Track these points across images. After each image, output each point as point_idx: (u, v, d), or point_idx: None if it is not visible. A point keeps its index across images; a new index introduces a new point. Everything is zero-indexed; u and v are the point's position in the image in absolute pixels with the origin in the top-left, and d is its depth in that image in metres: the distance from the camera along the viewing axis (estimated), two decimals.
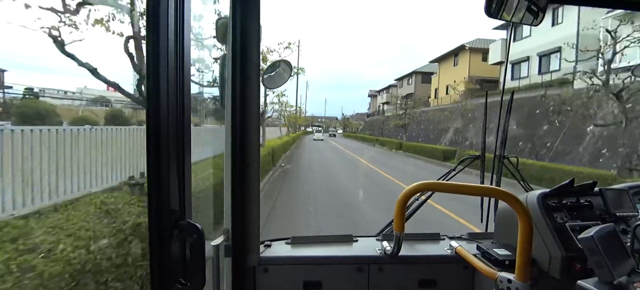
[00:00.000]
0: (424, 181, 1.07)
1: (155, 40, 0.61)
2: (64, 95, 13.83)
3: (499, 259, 1.14)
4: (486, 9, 1.04)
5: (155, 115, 0.62)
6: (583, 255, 0.92)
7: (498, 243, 1.30)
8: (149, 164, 0.63)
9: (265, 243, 1.36)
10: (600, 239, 0.85)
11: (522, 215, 0.90)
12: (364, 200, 7.82)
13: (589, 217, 1.18)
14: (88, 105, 12.48)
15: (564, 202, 1.20)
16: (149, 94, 0.62)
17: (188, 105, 0.67)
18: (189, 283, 0.68)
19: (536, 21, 1.08)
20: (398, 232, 1.14)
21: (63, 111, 8.71)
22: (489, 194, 1.39)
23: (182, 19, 0.64)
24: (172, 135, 0.64)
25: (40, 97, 7.79)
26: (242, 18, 1.07)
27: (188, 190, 0.68)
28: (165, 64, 0.62)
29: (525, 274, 0.90)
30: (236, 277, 1.16)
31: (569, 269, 1.04)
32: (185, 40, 0.65)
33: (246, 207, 1.17)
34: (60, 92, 13.80)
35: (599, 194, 1.23)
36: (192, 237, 0.68)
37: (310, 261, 1.30)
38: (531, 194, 1.20)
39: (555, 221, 1.13)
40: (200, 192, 2.95)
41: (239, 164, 1.13)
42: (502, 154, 1.55)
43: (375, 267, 1.29)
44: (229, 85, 1.09)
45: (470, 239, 1.48)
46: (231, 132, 1.11)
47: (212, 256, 1.08)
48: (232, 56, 1.08)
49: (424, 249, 1.38)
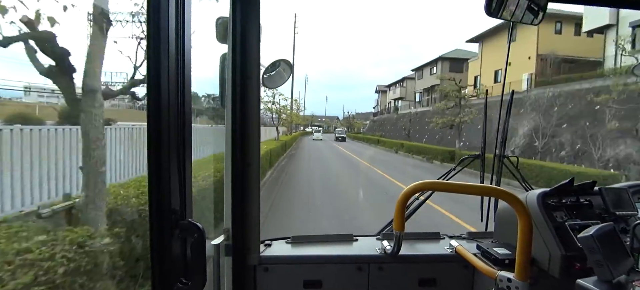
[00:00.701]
0: (424, 180, 1.08)
1: (155, 40, 0.61)
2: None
3: (499, 258, 1.14)
4: (486, 8, 1.05)
5: (155, 115, 0.62)
6: (583, 255, 0.92)
7: (498, 242, 1.30)
8: (150, 164, 0.63)
9: (265, 242, 1.36)
10: (600, 238, 0.86)
11: (521, 214, 0.90)
12: None
13: (588, 216, 1.18)
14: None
15: (564, 201, 1.20)
16: (150, 93, 0.62)
17: (188, 104, 0.67)
18: (189, 282, 0.69)
19: (536, 20, 1.09)
20: (398, 231, 1.14)
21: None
22: (489, 193, 1.39)
23: (182, 18, 0.64)
24: (172, 135, 0.64)
25: None
26: (242, 18, 1.07)
27: (189, 189, 0.69)
28: (166, 63, 0.62)
29: (525, 273, 0.90)
30: (236, 276, 1.16)
31: (568, 268, 1.04)
32: (186, 40, 0.65)
33: (246, 207, 1.17)
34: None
35: (598, 193, 1.23)
36: (192, 237, 0.68)
37: (311, 260, 1.30)
38: (531, 194, 1.21)
39: (555, 220, 1.13)
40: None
41: (240, 164, 1.13)
42: (502, 154, 1.56)
43: (375, 267, 1.29)
44: (229, 85, 1.09)
45: (470, 238, 1.49)
46: (231, 132, 1.11)
47: (212, 255, 1.08)
48: (232, 56, 1.08)
49: (424, 248, 1.39)
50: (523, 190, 1.45)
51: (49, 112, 5.90)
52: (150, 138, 0.63)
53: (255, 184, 1.18)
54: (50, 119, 5.04)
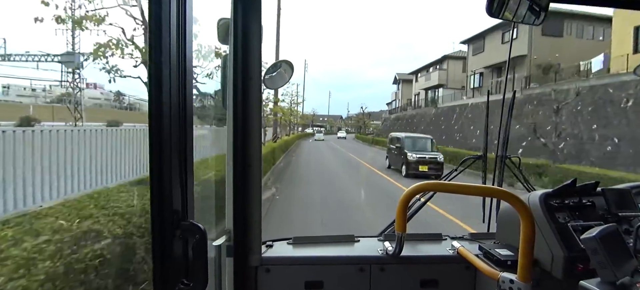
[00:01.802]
0: (426, 181, 1.07)
1: (157, 41, 0.61)
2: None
3: (501, 259, 1.13)
4: (487, 8, 1.04)
5: (157, 116, 0.62)
6: (585, 256, 0.92)
7: (500, 243, 1.30)
8: (152, 165, 0.63)
9: (266, 243, 1.36)
10: (603, 239, 0.85)
11: (524, 215, 0.90)
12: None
13: (591, 217, 1.17)
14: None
15: (566, 202, 1.20)
16: (151, 94, 0.62)
17: (190, 105, 0.67)
18: (191, 283, 0.69)
19: (537, 20, 1.08)
20: (400, 232, 1.14)
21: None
22: (491, 194, 1.39)
23: (183, 19, 0.64)
24: (174, 136, 0.64)
25: None
26: (244, 19, 1.08)
27: (190, 190, 0.69)
28: (168, 64, 0.62)
29: (528, 274, 0.90)
30: (238, 277, 1.16)
31: (571, 269, 1.03)
32: (187, 41, 0.65)
33: (248, 208, 1.17)
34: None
35: (601, 194, 1.23)
36: (194, 238, 0.68)
37: (312, 261, 1.30)
38: (533, 194, 1.20)
39: (557, 221, 1.12)
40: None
41: (241, 165, 1.14)
42: (504, 154, 1.55)
43: (377, 268, 1.29)
44: (231, 85, 1.09)
45: (472, 239, 1.48)
46: (233, 133, 1.11)
47: (213, 256, 1.08)
48: (233, 57, 1.08)
49: (425, 249, 1.38)
50: (525, 191, 1.44)
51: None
52: (152, 138, 0.63)
53: (257, 185, 1.18)
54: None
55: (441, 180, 1.54)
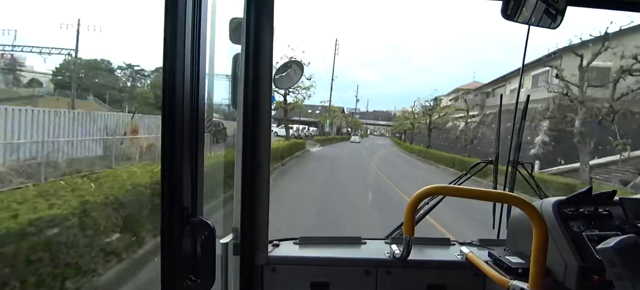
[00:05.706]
0: (435, 185, 1.06)
1: (172, 39, 0.61)
2: None
3: (512, 266, 1.11)
4: (503, 10, 1.03)
5: (170, 114, 0.63)
6: (601, 267, 0.89)
7: (510, 251, 1.27)
8: (163, 160, 0.64)
9: (273, 242, 1.36)
10: (621, 251, 0.82)
11: (537, 222, 0.87)
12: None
13: (608, 227, 1.14)
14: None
15: (581, 210, 1.16)
16: (165, 92, 0.63)
17: (202, 103, 0.68)
18: (199, 280, 0.69)
19: (554, 24, 1.06)
20: (408, 235, 1.13)
21: None
22: (502, 199, 1.36)
23: (198, 18, 0.65)
24: (186, 133, 0.65)
25: None
26: (256, 19, 1.08)
27: (201, 187, 0.69)
28: (182, 62, 0.63)
29: (539, 283, 0.88)
30: (244, 275, 1.16)
31: (585, 280, 1.00)
32: (201, 39, 0.66)
33: (256, 207, 1.18)
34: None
35: (619, 203, 1.19)
36: (203, 235, 0.68)
37: (318, 262, 1.29)
38: (546, 201, 1.17)
39: (571, 230, 1.09)
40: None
41: (250, 164, 1.14)
42: (516, 160, 1.52)
43: (383, 271, 1.27)
44: (242, 85, 1.10)
45: (481, 245, 1.45)
46: (242, 132, 1.11)
47: (220, 254, 1.09)
48: (245, 56, 1.09)
49: (433, 254, 1.36)
50: (537, 197, 1.41)
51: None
52: (165, 135, 0.64)
53: (265, 185, 1.18)
54: None
55: (451, 184, 1.51)
